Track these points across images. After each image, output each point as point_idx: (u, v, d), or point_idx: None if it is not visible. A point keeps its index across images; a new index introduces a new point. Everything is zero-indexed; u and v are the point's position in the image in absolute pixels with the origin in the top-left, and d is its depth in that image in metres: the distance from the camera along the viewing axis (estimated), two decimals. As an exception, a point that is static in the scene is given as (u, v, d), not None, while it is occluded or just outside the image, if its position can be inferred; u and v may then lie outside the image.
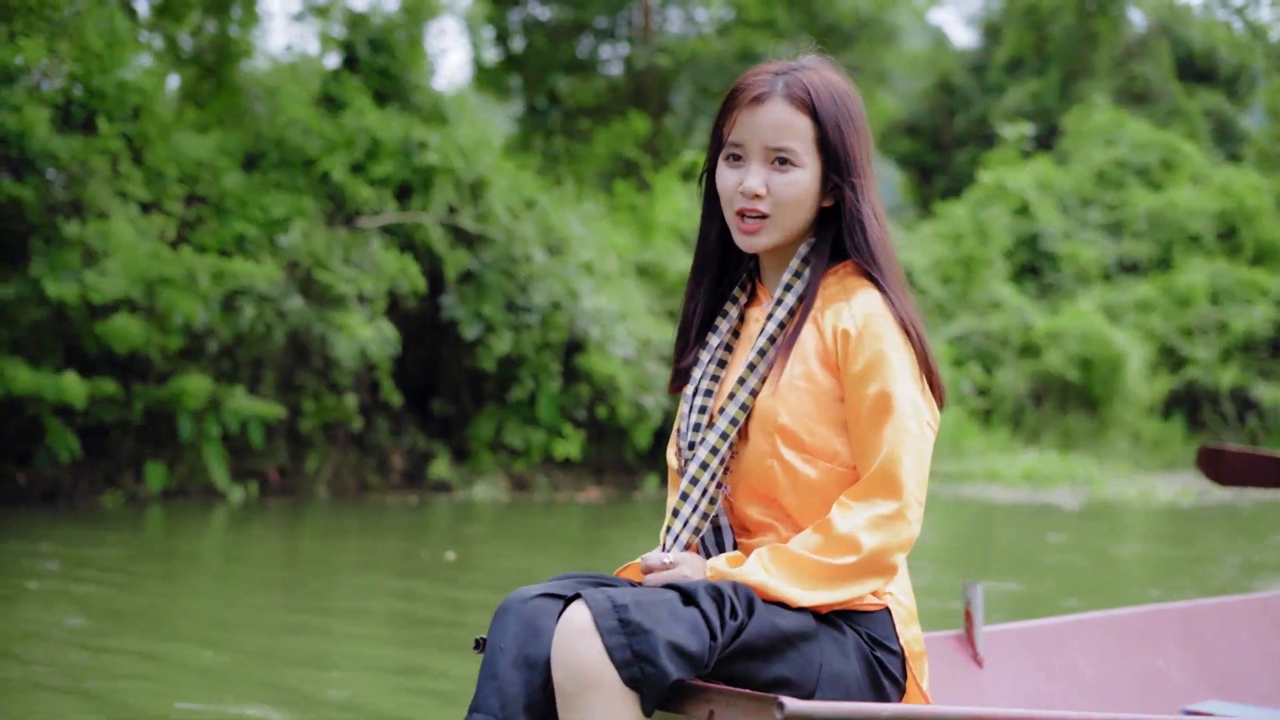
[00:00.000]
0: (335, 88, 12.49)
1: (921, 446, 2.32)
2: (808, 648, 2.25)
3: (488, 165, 12.49)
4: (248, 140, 11.85)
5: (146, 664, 5.10)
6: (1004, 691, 3.01)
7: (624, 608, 2.12)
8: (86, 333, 10.27)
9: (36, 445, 10.60)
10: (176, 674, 4.95)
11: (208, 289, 10.51)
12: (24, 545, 8.52)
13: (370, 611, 6.58)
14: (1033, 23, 26.49)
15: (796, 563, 2.27)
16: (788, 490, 2.37)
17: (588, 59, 24.24)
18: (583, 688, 2.11)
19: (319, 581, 7.58)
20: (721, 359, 2.49)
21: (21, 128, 9.31)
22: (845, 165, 2.39)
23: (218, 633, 5.85)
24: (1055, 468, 14.91)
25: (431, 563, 7.96)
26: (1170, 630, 3.31)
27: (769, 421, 2.37)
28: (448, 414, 12.76)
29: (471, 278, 12.23)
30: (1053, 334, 17.55)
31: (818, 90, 2.39)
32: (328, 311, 11.12)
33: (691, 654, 2.12)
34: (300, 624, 6.12)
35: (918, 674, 2.38)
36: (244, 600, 6.90)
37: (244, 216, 11.23)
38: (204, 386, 10.62)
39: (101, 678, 4.78)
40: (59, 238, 9.99)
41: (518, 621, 2.21)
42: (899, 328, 2.33)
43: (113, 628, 5.90)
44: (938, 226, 19.97)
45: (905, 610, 2.39)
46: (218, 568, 8.20)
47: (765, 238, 2.41)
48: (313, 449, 11.85)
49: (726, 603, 2.20)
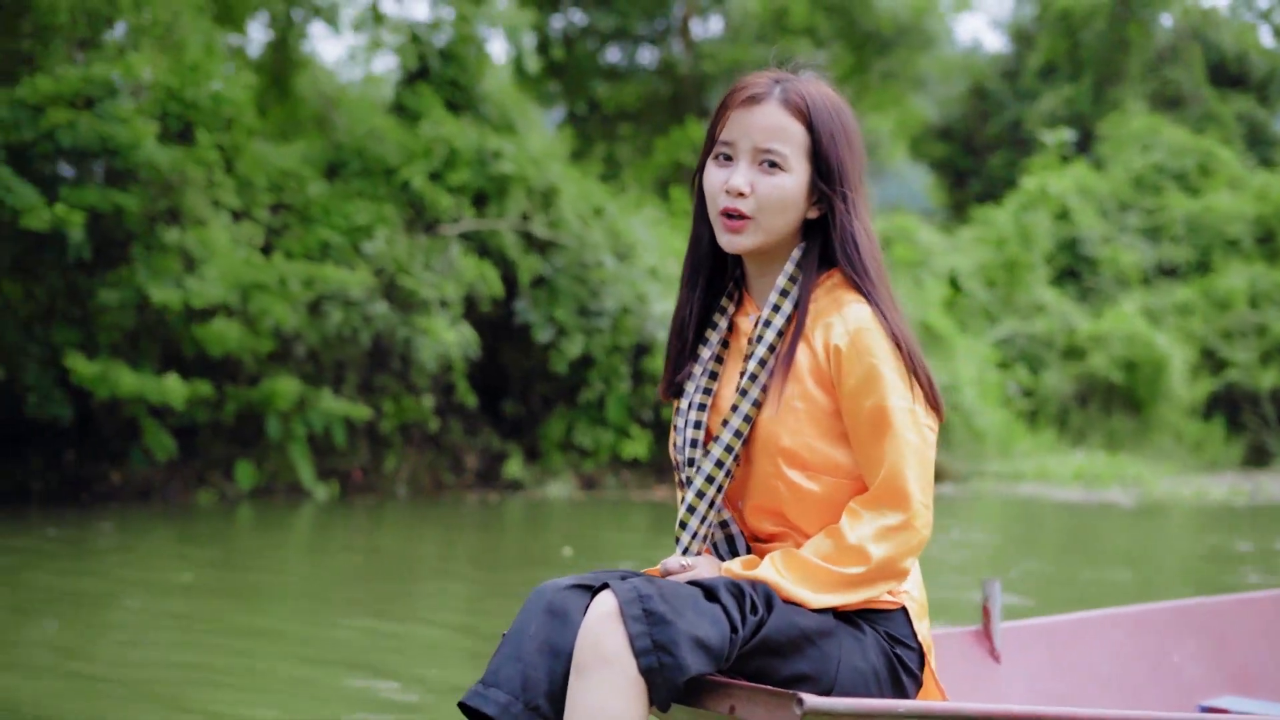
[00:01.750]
0: (410, 98, 12.85)
1: (923, 453, 2.35)
2: (826, 644, 2.29)
3: (557, 173, 12.85)
4: (329, 150, 12.21)
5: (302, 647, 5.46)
6: (1021, 687, 3.03)
7: (648, 598, 2.17)
8: (184, 336, 10.64)
9: (131, 445, 10.98)
10: (331, 664, 5.29)
11: (298, 294, 10.87)
12: (124, 541, 8.90)
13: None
14: (1066, 28, 26.78)
15: (808, 568, 2.31)
16: (793, 505, 2.40)
17: (627, 65, 24.58)
18: (597, 665, 2.15)
19: (451, 577, 7.89)
20: (713, 370, 2.50)
21: (132, 139, 9.66)
22: (836, 176, 2.39)
23: (380, 638, 6.19)
24: (1104, 468, 15.22)
25: (545, 557, 8.28)
26: (1186, 626, 3.32)
27: (770, 444, 2.39)
28: (518, 415, 13.12)
29: (544, 283, 12.58)
30: (1096, 337, 17.87)
31: (814, 99, 2.40)
32: (412, 316, 11.48)
33: (712, 647, 2.16)
34: (463, 623, 6.41)
35: (932, 667, 2.45)
36: (386, 599, 7.24)
37: (328, 224, 11.60)
38: (293, 388, 10.99)
39: (200, 682, 4.96)
40: (159, 245, 10.36)
41: (547, 609, 2.25)
42: (889, 340, 2.34)
43: (221, 622, 6.26)
44: (978, 231, 20.28)
45: (918, 605, 2.43)
46: (349, 563, 8.55)
47: (746, 239, 2.40)
48: (391, 449, 12.21)
49: (747, 599, 2.24)
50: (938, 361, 14.97)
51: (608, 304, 12.60)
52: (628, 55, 24.64)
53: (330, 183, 12.01)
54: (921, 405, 2.35)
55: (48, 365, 10.48)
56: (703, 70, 22.51)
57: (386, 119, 12.46)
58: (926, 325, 15.33)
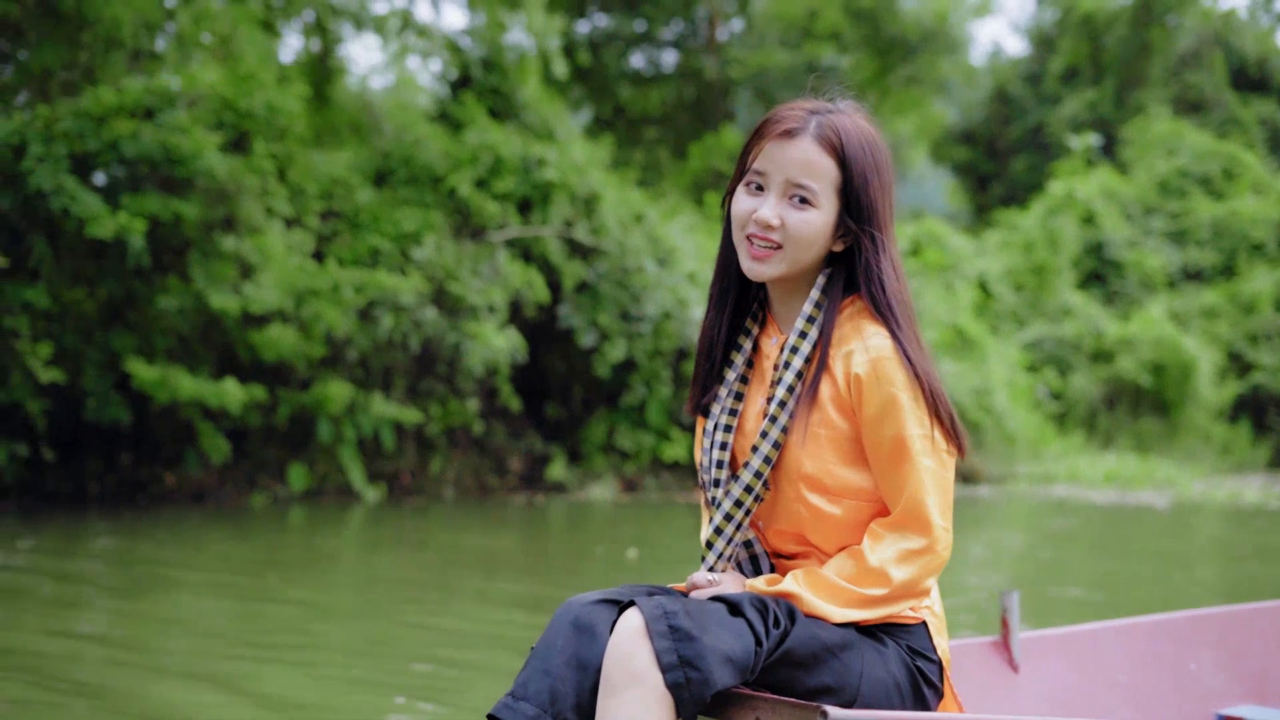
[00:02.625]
0: (454, 107, 13.06)
1: (942, 477, 2.39)
2: (849, 657, 2.33)
3: (598, 180, 13.04)
4: (376, 158, 12.42)
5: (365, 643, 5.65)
6: (1039, 696, 3.05)
7: (674, 614, 2.21)
8: (239, 341, 10.84)
9: (186, 449, 11.19)
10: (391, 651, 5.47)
11: (351, 300, 11.07)
12: (185, 540, 9.10)
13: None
14: (1088, 33, 26.95)
15: (831, 587, 2.37)
16: (814, 528, 2.45)
17: (651, 69, 24.77)
18: (626, 682, 2.19)
19: (517, 579, 8.08)
20: (738, 392, 2.54)
21: (195, 149, 9.87)
22: (864, 213, 2.42)
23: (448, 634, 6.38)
24: (1135, 470, 15.39)
25: (609, 559, 8.45)
26: (1204, 635, 3.33)
27: (793, 470, 2.43)
28: (560, 418, 13.31)
29: (586, 288, 12.78)
30: (1125, 340, 18.04)
31: (849, 135, 2.42)
32: (461, 321, 11.68)
33: (737, 661, 2.20)
34: (527, 622, 6.59)
35: (950, 681, 2.50)
36: (442, 596, 7.43)
37: (377, 231, 11.80)
38: (344, 392, 11.19)
39: (258, 675, 5.19)
40: (216, 252, 10.56)
41: (574, 624, 2.29)
42: (907, 369, 2.37)
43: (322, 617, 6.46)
44: (1004, 235, 20.45)
45: (938, 620, 2.48)
46: (412, 565, 8.74)
47: (771, 268, 2.43)
48: (436, 452, 12.41)
49: (770, 613, 2.28)
50: (970, 365, 15.14)
51: (649, 309, 12.79)
52: (652, 60, 24.85)
53: (378, 190, 12.21)
54: (942, 436, 2.39)
55: (106, 370, 10.69)
56: (729, 75, 22.70)
57: (431, 127, 12.65)
58: (959, 329, 15.50)
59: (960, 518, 11.96)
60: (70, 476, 11.02)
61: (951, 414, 2.41)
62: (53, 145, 9.82)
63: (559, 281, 12.66)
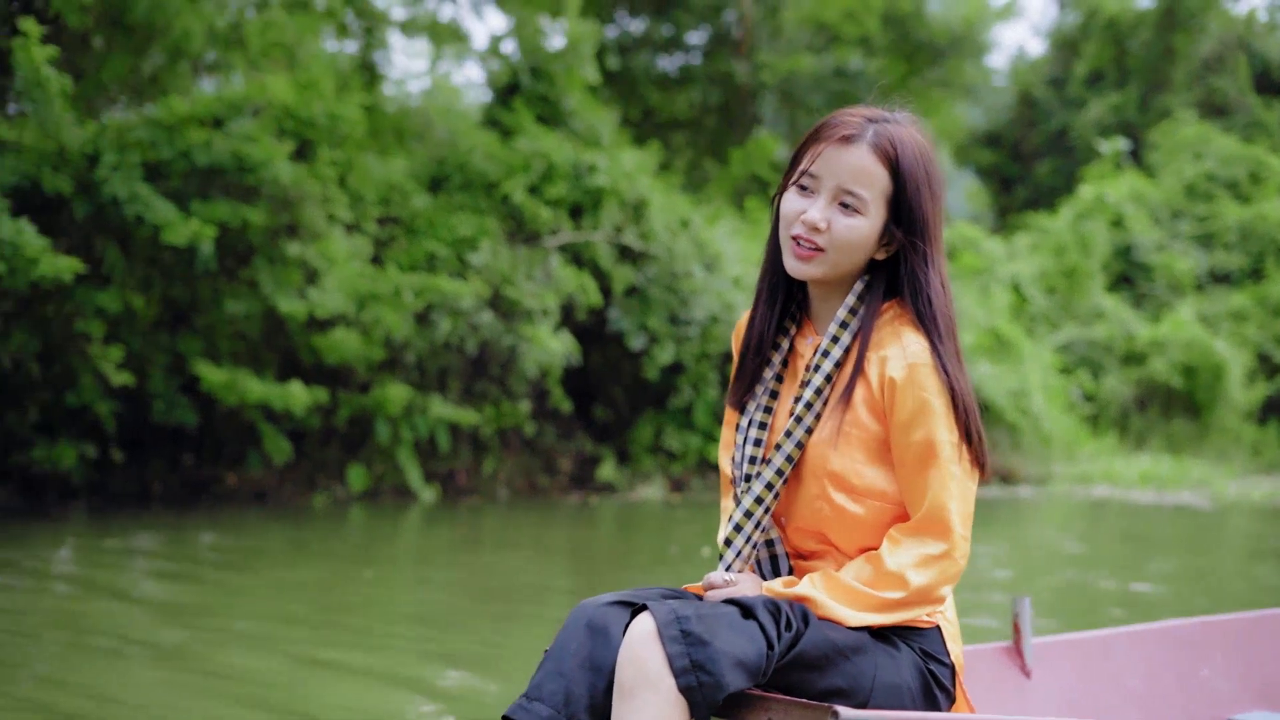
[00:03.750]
0: (505, 114, 13.29)
1: (965, 486, 2.42)
2: (861, 660, 2.36)
3: (645, 186, 13.27)
4: (430, 164, 12.65)
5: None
6: (1051, 701, 3.07)
7: (686, 619, 2.24)
8: (302, 345, 11.08)
9: (248, 450, 11.43)
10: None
11: (410, 304, 11.31)
12: (256, 539, 9.33)
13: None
14: (1112, 37, 27.15)
15: (847, 591, 2.40)
16: (836, 527, 2.48)
17: (680, 73, 24.97)
18: (639, 687, 2.22)
19: (601, 576, 8.30)
20: (774, 390, 2.58)
21: (265, 157, 10.10)
22: (914, 225, 2.45)
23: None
24: (1170, 470, 15.59)
25: (683, 558, 8.66)
26: (1214, 641, 3.35)
27: (820, 468, 2.46)
28: (607, 420, 13.54)
29: (635, 292, 13.01)
30: (1156, 342, 18.25)
31: (904, 147, 2.45)
32: (518, 325, 11.91)
33: (749, 664, 2.23)
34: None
35: (963, 687, 2.54)
36: (514, 599, 7.65)
37: (433, 236, 12.04)
38: (403, 395, 11.42)
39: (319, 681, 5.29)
40: (281, 257, 10.80)
41: (588, 626, 2.33)
42: (942, 378, 2.40)
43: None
44: (1034, 238, 20.66)
45: (953, 627, 2.51)
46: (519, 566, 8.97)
47: (815, 268, 2.47)
48: (489, 452, 12.64)
49: (783, 616, 2.31)
50: (1008, 368, 15.35)
51: (697, 313, 13.01)
52: (680, 64, 25.04)
53: (434, 196, 12.45)
54: (968, 452, 2.43)
55: (172, 373, 10.93)
56: (760, 79, 22.91)
57: (483, 133, 12.89)
58: (995, 332, 15.71)
59: (1010, 517, 12.21)
60: (136, 477, 11.26)
61: (980, 433, 2.45)
62: (126, 154, 10.05)
63: (609, 286, 12.89)
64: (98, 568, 7.66)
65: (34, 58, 9.07)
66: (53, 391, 10.53)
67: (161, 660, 5.13)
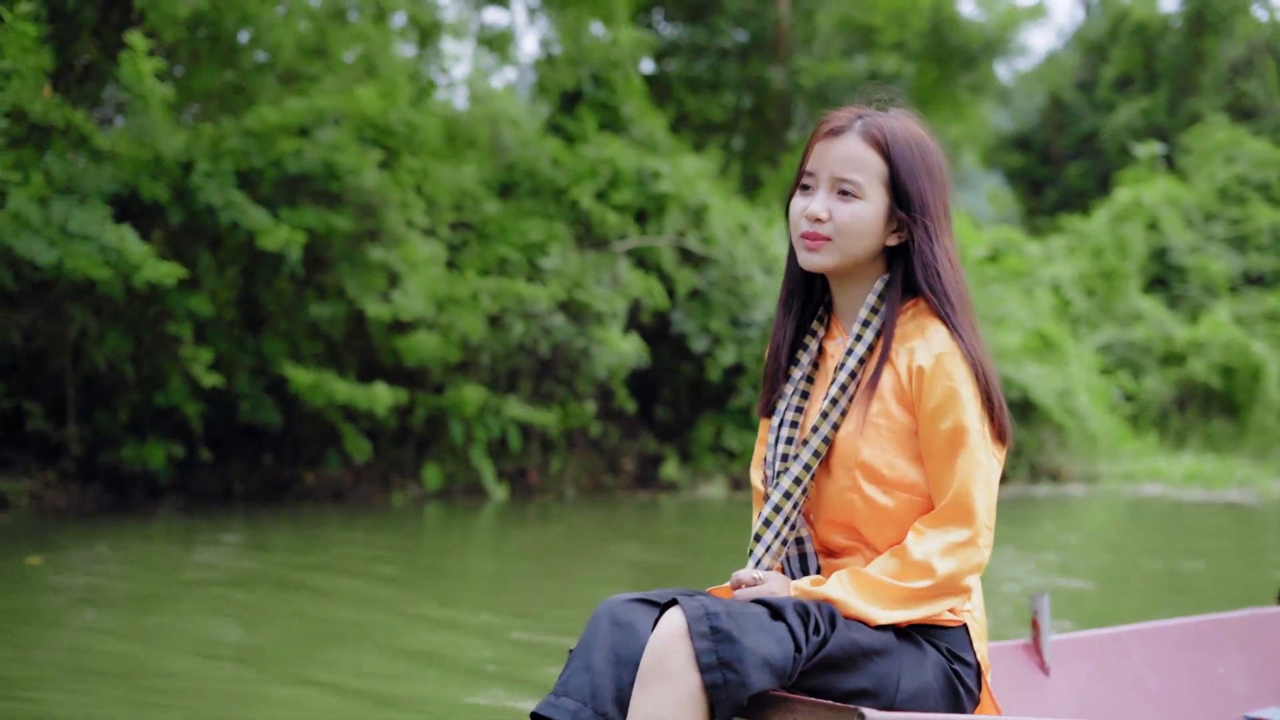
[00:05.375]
0: (571, 122, 13.62)
1: (991, 476, 2.44)
2: (886, 662, 2.37)
3: (706, 191, 13.59)
4: (500, 170, 12.99)
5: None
6: (1069, 699, 3.08)
7: (716, 615, 2.25)
8: (383, 347, 11.41)
9: (327, 449, 11.76)
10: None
11: (487, 308, 11.64)
12: (345, 535, 9.65)
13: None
14: (1142, 41, 27.45)
15: (874, 586, 2.40)
16: (866, 519, 2.49)
17: (713, 76, 25.22)
18: (659, 676, 2.24)
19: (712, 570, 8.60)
20: (804, 390, 2.59)
21: (355, 165, 10.44)
22: (915, 205, 2.48)
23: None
24: (1214, 469, 15.90)
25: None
26: (1232, 639, 3.37)
27: (850, 459, 2.48)
28: (668, 420, 13.87)
29: (698, 295, 13.33)
30: (1195, 343, 18.56)
31: (894, 133, 2.49)
32: (590, 328, 12.24)
33: (775, 665, 2.23)
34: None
35: (989, 686, 2.54)
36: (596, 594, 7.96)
37: (504, 241, 12.37)
38: (478, 395, 11.75)
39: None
40: (364, 262, 11.13)
41: (614, 622, 2.35)
42: (968, 366, 2.43)
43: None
44: (1069, 240, 20.97)
45: (979, 625, 2.51)
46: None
47: (825, 258, 2.50)
48: (555, 452, 12.97)
49: (812, 619, 2.31)
50: (1054, 369, 15.66)
51: (757, 315, 13.33)
52: (716, 68, 25.30)
53: (503, 202, 12.77)
54: (991, 432, 2.46)
55: (255, 374, 11.26)
56: (798, 84, 23.19)
57: (550, 140, 13.21)
58: (1042, 334, 16.02)
59: (1076, 513, 12.53)
60: (220, 476, 11.58)
61: (1003, 405, 2.47)
62: (219, 162, 10.39)
63: (672, 289, 13.21)
64: (273, 565, 7.98)
65: (140, 70, 9.40)
66: (142, 392, 10.87)
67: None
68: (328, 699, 4.60)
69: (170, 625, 5.91)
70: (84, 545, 8.50)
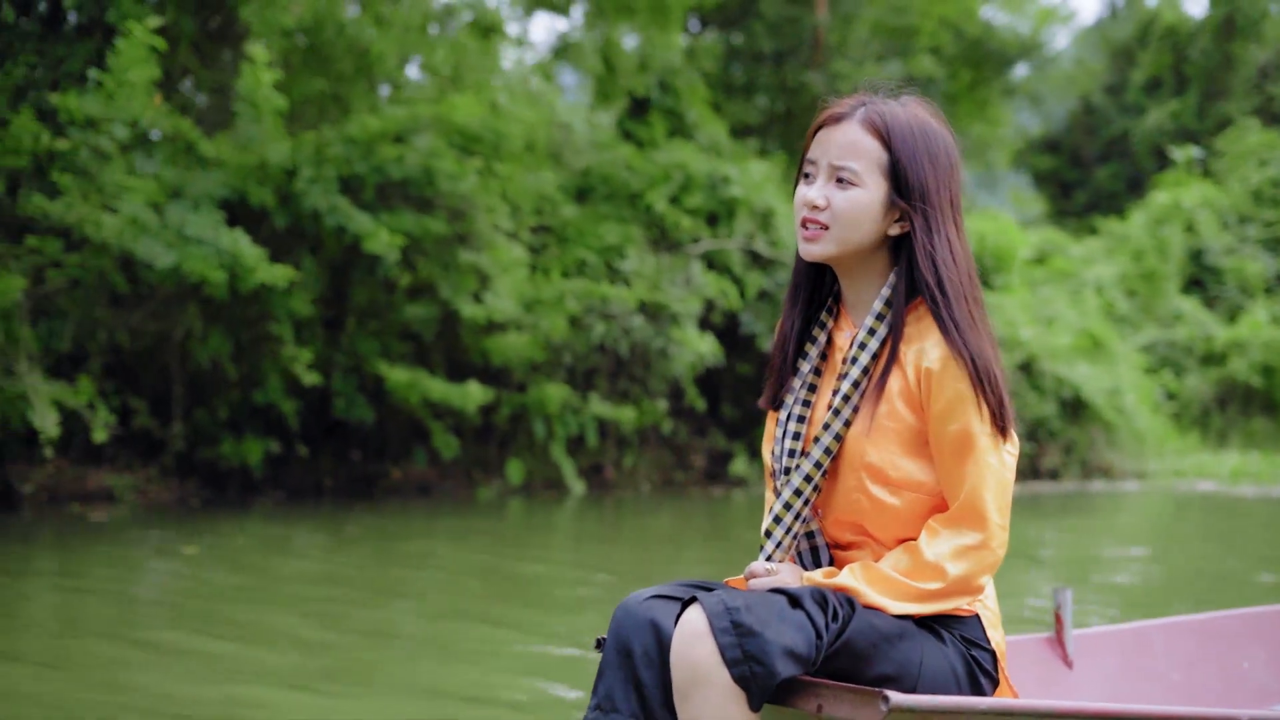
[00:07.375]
0: (640, 128, 14.03)
1: (1003, 476, 2.42)
2: (907, 646, 2.37)
3: (771, 195, 13.98)
4: (576, 175, 13.38)
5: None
6: (1092, 691, 3.09)
7: (736, 610, 2.25)
8: (472, 346, 11.80)
9: (415, 445, 12.15)
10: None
11: (572, 309, 12.03)
12: (441, 525, 10.03)
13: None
14: (1171, 45, 27.83)
15: (887, 581, 2.40)
16: (874, 518, 2.48)
17: (751, 81, 25.58)
18: (696, 685, 2.24)
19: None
20: (811, 383, 2.57)
21: (455, 171, 10.83)
22: (915, 193, 2.43)
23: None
24: (1260, 466, 16.28)
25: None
26: (1256, 633, 3.36)
27: (857, 460, 2.46)
28: (735, 418, 14.26)
29: (765, 296, 13.72)
30: (1235, 343, 18.96)
31: (896, 119, 2.45)
32: (668, 328, 12.63)
33: (799, 654, 2.24)
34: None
35: (1005, 671, 2.55)
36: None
37: (582, 244, 12.77)
38: (561, 393, 12.14)
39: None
40: (456, 264, 11.52)
41: (640, 623, 2.35)
42: (969, 365, 2.39)
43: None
44: (1107, 242, 21.37)
45: (993, 614, 2.51)
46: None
47: (822, 246, 2.46)
48: (629, 448, 13.36)
49: (830, 606, 2.32)
50: (1103, 368, 16.05)
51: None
52: (752, 73, 25.65)
53: (580, 206, 13.17)
54: (996, 429, 2.42)
55: (349, 373, 11.65)
56: (836, 89, 23.56)
57: (624, 146, 13.60)
58: (1091, 334, 16.41)
59: (1137, 510, 12.90)
60: (310, 472, 11.96)
61: (1003, 399, 2.42)
62: (323, 168, 10.77)
63: (741, 290, 13.60)
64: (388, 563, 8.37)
65: (260, 80, 9.78)
66: (241, 390, 11.25)
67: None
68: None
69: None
70: (221, 536, 8.90)
